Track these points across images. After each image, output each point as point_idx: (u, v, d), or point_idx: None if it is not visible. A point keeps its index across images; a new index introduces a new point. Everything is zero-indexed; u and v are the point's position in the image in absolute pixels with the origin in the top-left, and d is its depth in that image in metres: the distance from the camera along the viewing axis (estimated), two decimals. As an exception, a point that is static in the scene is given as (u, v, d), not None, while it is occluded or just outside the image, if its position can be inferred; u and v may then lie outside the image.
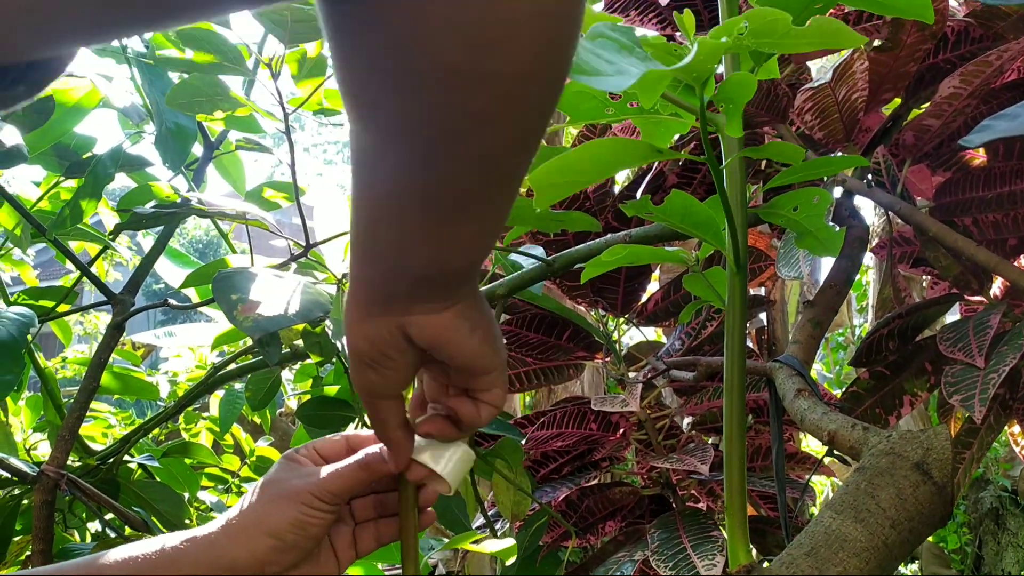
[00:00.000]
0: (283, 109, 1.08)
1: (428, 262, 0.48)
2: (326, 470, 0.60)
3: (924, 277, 1.30)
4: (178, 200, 1.12)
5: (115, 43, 1.26)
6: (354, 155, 0.45)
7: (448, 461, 0.60)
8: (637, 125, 0.76)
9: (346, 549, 0.64)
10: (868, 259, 4.07)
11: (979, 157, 1.04)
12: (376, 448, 0.61)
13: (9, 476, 1.19)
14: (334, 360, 1.18)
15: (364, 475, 0.60)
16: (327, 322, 0.95)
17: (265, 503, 0.59)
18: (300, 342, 1.15)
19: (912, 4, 0.68)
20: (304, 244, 1.09)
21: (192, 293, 1.63)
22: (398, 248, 0.47)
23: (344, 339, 0.53)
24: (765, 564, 0.71)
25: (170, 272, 1.68)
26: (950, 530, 3.46)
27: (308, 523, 0.58)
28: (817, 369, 4.68)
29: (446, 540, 1.15)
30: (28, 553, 1.25)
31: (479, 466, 1.14)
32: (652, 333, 1.96)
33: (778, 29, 0.57)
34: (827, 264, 1.06)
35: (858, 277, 4.24)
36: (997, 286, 1.02)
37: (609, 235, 1.11)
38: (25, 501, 1.28)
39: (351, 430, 0.80)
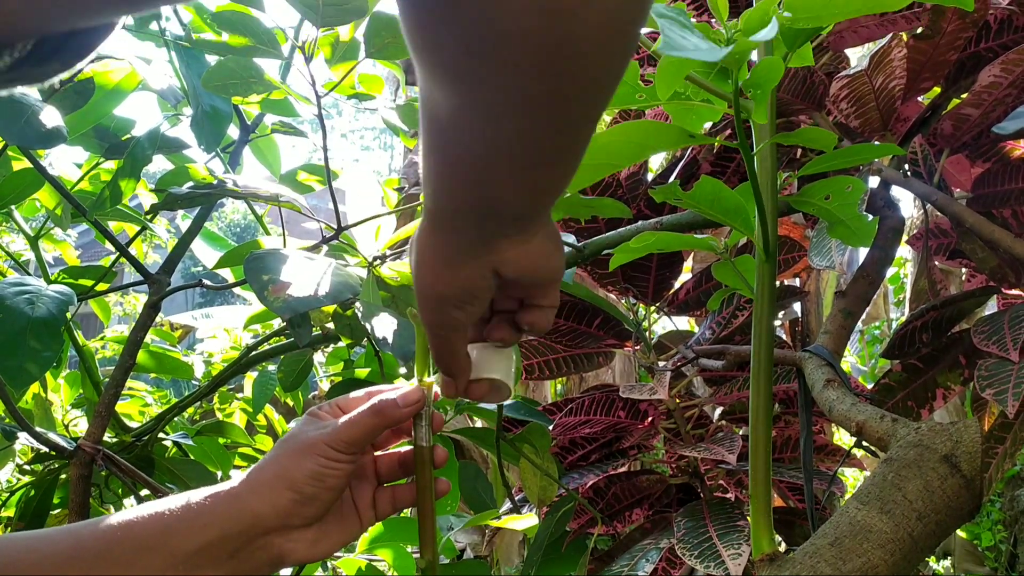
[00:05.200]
0: (315, 92, 1.09)
1: (519, 203, 0.50)
2: (341, 420, 0.61)
3: (962, 269, 1.28)
4: (214, 182, 1.13)
5: (153, 26, 1.28)
6: (433, 118, 0.46)
7: (500, 364, 0.61)
8: (668, 112, 0.76)
9: (367, 509, 0.65)
10: (907, 252, 4.02)
11: (1019, 148, 1.02)
12: (389, 394, 0.62)
13: (48, 450, 1.22)
14: (364, 343, 1.19)
15: (377, 421, 0.60)
16: (357, 304, 0.96)
17: (284, 457, 0.60)
18: (331, 324, 1.16)
19: (951, -10, 0.66)
20: (336, 227, 1.09)
21: (228, 275, 1.66)
22: (490, 194, 0.49)
23: (418, 301, 0.55)
24: (790, 554, 0.71)
25: (206, 254, 1.70)
26: (984, 527, 3.41)
27: (325, 474, 0.59)
28: (852, 362, 4.62)
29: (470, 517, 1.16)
30: (65, 526, 1.27)
31: (507, 451, 1.14)
32: (685, 323, 1.96)
33: (817, 1, 0.56)
34: (864, 254, 1.04)
35: (896, 270, 4.18)
36: (1035, 279, 1.00)
37: (640, 222, 1.10)
38: (63, 475, 1.31)
39: None
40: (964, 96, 0.99)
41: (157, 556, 0.57)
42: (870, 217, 0.76)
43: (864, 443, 0.79)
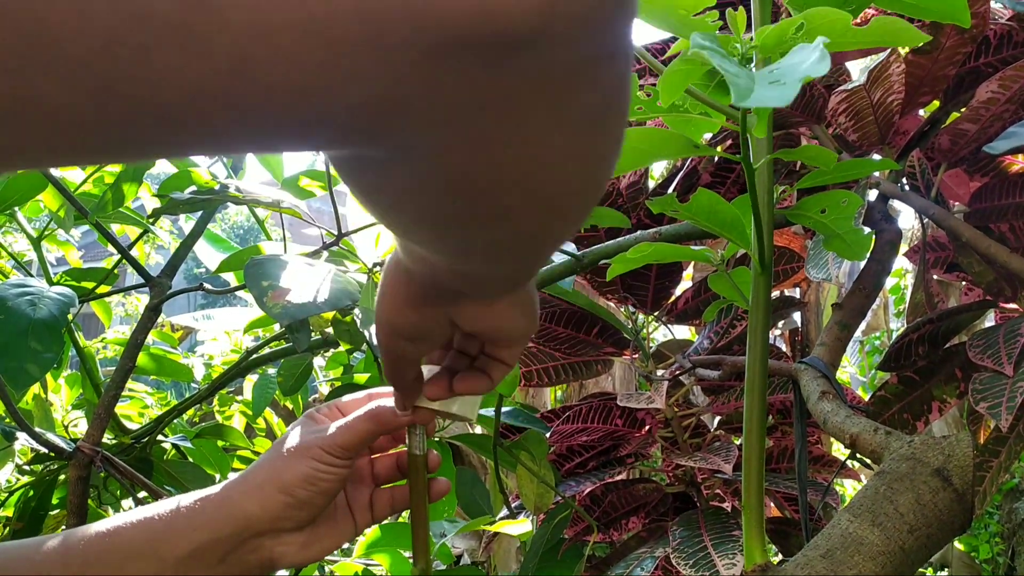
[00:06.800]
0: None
1: (468, 286, 0.49)
2: (336, 424, 0.60)
3: (961, 283, 1.28)
4: (215, 187, 1.14)
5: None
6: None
7: (455, 401, 0.60)
8: (667, 123, 0.76)
9: (363, 511, 0.64)
10: (908, 263, 4.00)
11: (1017, 163, 1.02)
12: (387, 400, 0.61)
13: (47, 451, 1.22)
14: (364, 348, 1.20)
15: (372, 427, 0.59)
16: (356, 311, 0.96)
17: (277, 459, 0.59)
18: (331, 329, 1.17)
19: (947, 7, 0.67)
20: (336, 233, 1.10)
21: (231, 277, 1.66)
22: (442, 270, 0.47)
23: (375, 319, 0.53)
24: (782, 565, 0.71)
25: (210, 256, 1.71)
26: (982, 539, 3.41)
27: (318, 478, 0.58)
28: (852, 373, 4.62)
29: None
30: (63, 528, 1.28)
31: (504, 458, 1.15)
32: (686, 331, 1.96)
33: (836, 28, 0.56)
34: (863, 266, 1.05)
35: (897, 281, 4.18)
36: (1031, 294, 1.00)
37: (639, 232, 1.11)
38: (61, 477, 1.32)
39: None
40: (963, 110, 0.99)
41: (147, 562, 0.57)
42: (866, 230, 0.76)
43: (859, 455, 0.79)
